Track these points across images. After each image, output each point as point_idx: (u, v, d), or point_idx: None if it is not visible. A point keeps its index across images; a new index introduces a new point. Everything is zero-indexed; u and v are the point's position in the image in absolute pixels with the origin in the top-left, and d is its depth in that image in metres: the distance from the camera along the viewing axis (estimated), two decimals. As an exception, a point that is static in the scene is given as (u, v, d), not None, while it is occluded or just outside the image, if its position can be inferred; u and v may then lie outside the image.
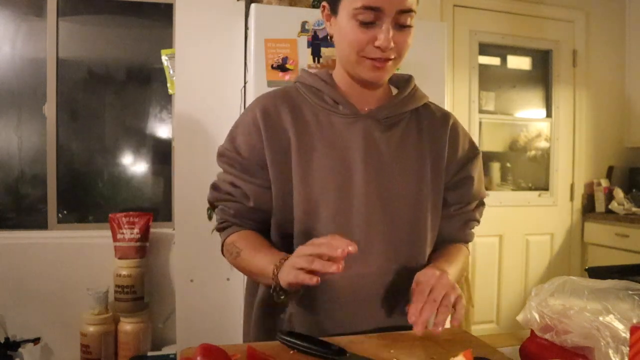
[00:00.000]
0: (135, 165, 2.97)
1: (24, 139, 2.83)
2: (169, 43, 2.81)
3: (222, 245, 1.02)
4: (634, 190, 3.35)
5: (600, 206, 3.35)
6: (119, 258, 2.68)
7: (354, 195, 0.95)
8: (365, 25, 0.89)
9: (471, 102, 3.19)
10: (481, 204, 1.10)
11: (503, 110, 3.35)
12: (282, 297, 0.85)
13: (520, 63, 3.43)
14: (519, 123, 3.38)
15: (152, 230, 2.80)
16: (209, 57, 2.38)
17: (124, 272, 2.65)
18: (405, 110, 1.01)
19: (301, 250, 0.80)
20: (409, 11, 0.89)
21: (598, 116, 3.43)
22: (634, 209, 3.20)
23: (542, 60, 3.41)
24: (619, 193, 3.29)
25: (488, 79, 3.28)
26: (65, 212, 2.87)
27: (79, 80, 2.90)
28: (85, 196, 2.93)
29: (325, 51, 2.14)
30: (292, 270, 0.79)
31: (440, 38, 2.32)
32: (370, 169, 0.96)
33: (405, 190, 0.98)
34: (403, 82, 1.05)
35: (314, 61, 2.13)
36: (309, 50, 2.08)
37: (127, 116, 2.96)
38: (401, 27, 0.90)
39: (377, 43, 0.89)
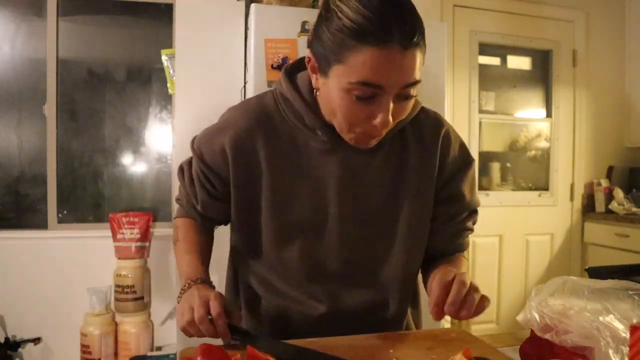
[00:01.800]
0: (135, 165, 2.97)
1: (24, 139, 2.83)
2: (169, 43, 2.81)
3: (176, 220, 1.07)
4: (634, 190, 3.35)
5: (600, 206, 3.35)
6: (119, 258, 2.68)
7: (328, 229, 0.91)
8: (362, 100, 0.76)
9: (471, 102, 3.19)
10: (473, 213, 1.02)
11: (503, 110, 3.35)
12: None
13: (520, 63, 3.43)
14: (519, 123, 3.38)
15: (152, 230, 2.80)
16: (209, 57, 2.38)
17: (124, 272, 2.64)
18: (390, 134, 0.90)
19: (197, 305, 0.80)
20: (414, 83, 0.76)
21: (598, 116, 3.43)
22: (634, 209, 3.20)
23: (542, 60, 3.41)
24: (619, 193, 3.29)
25: (488, 79, 3.28)
26: (65, 212, 2.87)
27: (79, 80, 2.90)
28: (85, 196, 2.93)
29: (325, 51, 2.14)
30: (181, 316, 0.81)
31: (440, 38, 2.32)
32: (346, 200, 0.90)
33: (384, 217, 0.93)
34: None
35: (314, 61, 2.13)
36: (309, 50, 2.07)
37: (127, 116, 2.96)
38: (405, 98, 0.78)
39: (374, 122, 0.77)
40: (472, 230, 1.04)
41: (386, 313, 0.98)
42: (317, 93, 0.86)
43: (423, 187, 0.94)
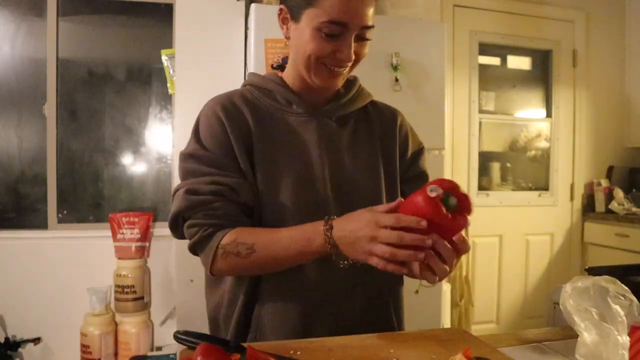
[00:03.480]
0: (135, 165, 2.97)
1: (24, 139, 2.83)
2: (169, 43, 2.81)
3: (214, 256, 0.91)
4: (634, 190, 3.35)
5: (600, 206, 3.35)
6: (119, 258, 2.68)
7: (314, 189, 0.97)
8: (329, 37, 0.91)
9: (471, 102, 3.19)
10: None
11: (503, 110, 3.35)
12: (345, 261, 0.89)
13: (520, 63, 3.43)
14: (519, 123, 3.38)
15: (152, 230, 2.80)
16: (209, 57, 2.38)
17: (124, 272, 2.64)
18: (354, 109, 1.06)
19: (379, 224, 0.77)
20: (371, 26, 0.93)
21: (598, 116, 3.43)
22: (634, 209, 3.20)
23: (542, 60, 3.41)
24: (619, 193, 3.29)
25: (488, 79, 3.28)
26: (65, 212, 2.87)
27: (79, 80, 2.90)
28: (85, 196, 2.93)
29: (325, 51, 2.14)
30: (367, 248, 0.77)
31: (440, 38, 2.32)
32: (327, 164, 0.99)
33: (361, 183, 1.01)
34: (349, 82, 1.08)
35: (314, 61, 2.13)
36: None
37: (127, 116, 2.96)
38: (361, 39, 0.94)
39: (340, 56, 0.92)
40: None
41: (376, 283, 1.01)
42: (288, 41, 0.99)
43: (390, 159, 1.06)
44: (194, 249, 0.95)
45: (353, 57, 0.93)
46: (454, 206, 0.75)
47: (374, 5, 0.93)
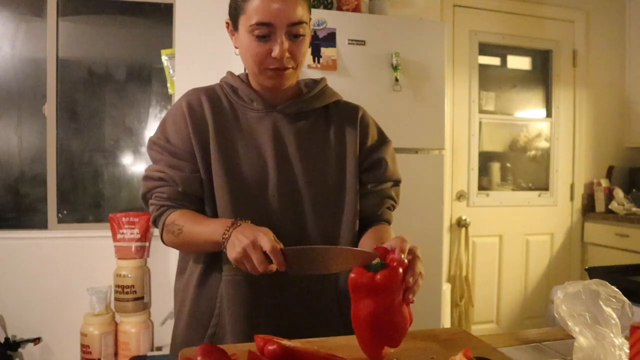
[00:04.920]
0: (135, 165, 2.97)
1: (24, 139, 2.83)
2: (169, 43, 2.81)
3: (162, 231, 1.05)
4: (634, 190, 3.35)
5: (600, 206, 3.35)
6: (119, 258, 2.68)
7: (268, 181, 1.03)
8: (261, 38, 0.98)
9: (471, 102, 3.19)
10: (396, 185, 1.18)
11: (503, 110, 3.35)
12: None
13: (520, 63, 3.43)
14: (519, 123, 3.38)
15: (152, 230, 2.80)
16: (209, 57, 2.38)
17: (124, 272, 2.65)
18: (314, 107, 1.11)
19: (256, 242, 0.85)
20: (299, 23, 0.98)
21: (598, 116, 3.43)
22: (634, 209, 3.20)
23: (542, 60, 3.41)
24: (619, 193, 3.29)
25: (488, 79, 3.28)
26: (65, 212, 2.87)
27: (79, 80, 2.90)
28: (85, 196, 2.93)
29: (325, 51, 2.15)
30: (235, 251, 0.86)
31: (440, 38, 2.32)
32: (279, 158, 1.05)
33: (309, 177, 1.06)
34: (313, 82, 1.14)
35: (313, 61, 2.13)
36: (309, 50, 2.08)
37: (127, 116, 2.96)
38: (295, 37, 0.99)
39: (273, 54, 0.98)
40: (395, 201, 1.18)
41: (339, 282, 1.07)
42: (237, 52, 1.07)
43: (344, 155, 1.10)
44: (155, 223, 1.08)
45: (287, 54, 0.98)
46: (376, 267, 0.79)
47: (300, 1, 0.98)
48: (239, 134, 1.06)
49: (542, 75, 3.42)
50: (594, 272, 1.99)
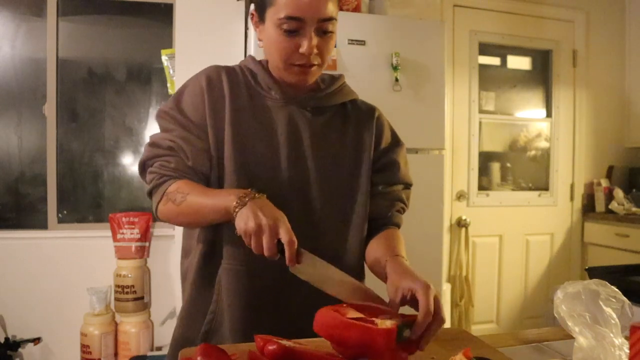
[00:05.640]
0: (135, 165, 2.97)
1: (24, 139, 2.83)
2: (169, 43, 2.81)
3: (159, 200, 0.99)
4: (634, 190, 3.35)
5: (600, 206, 3.35)
6: (119, 258, 2.68)
7: (280, 172, 1.01)
8: (290, 33, 0.95)
9: (471, 102, 3.19)
10: (407, 188, 1.17)
11: (503, 110, 3.35)
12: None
13: (520, 63, 3.43)
14: (519, 123, 3.38)
15: (152, 230, 2.80)
16: (209, 57, 2.36)
17: (124, 272, 2.65)
18: (331, 103, 1.09)
19: (267, 218, 0.82)
20: (329, 19, 0.96)
21: (598, 116, 3.43)
22: (634, 209, 3.20)
23: (542, 60, 3.41)
24: (619, 193, 3.29)
25: (488, 79, 3.28)
26: (65, 212, 2.87)
27: (79, 80, 2.90)
28: (85, 196, 2.93)
29: (325, 51, 2.14)
30: (247, 223, 0.82)
31: (440, 38, 2.32)
32: (292, 151, 1.02)
33: (322, 173, 1.04)
34: (331, 78, 1.12)
35: (314, 61, 2.13)
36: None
37: (127, 116, 2.96)
38: (324, 33, 0.97)
39: (301, 50, 0.95)
40: (405, 204, 1.16)
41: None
42: (260, 44, 1.04)
43: (360, 155, 1.09)
44: (150, 193, 1.03)
45: (315, 50, 0.96)
46: (404, 338, 0.75)
47: None
48: (255, 120, 1.02)
49: (542, 75, 3.42)
50: (594, 272, 1.99)
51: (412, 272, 0.88)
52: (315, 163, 1.04)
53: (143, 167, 1.06)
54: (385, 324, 0.74)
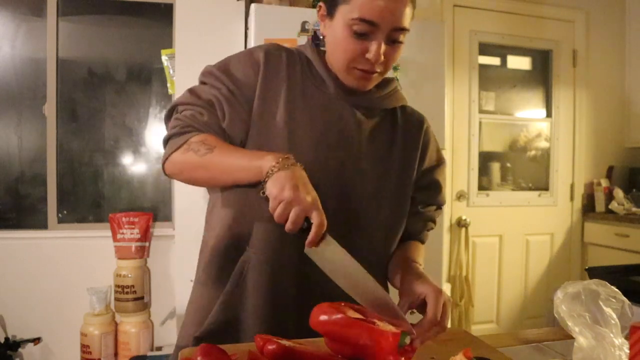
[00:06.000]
0: (135, 165, 2.97)
1: (24, 139, 2.83)
2: (169, 43, 2.81)
3: (177, 149, 0.92)
4: (634, 190, 3.35)
5: (600, 206, 3.35)
6: (119, 258, 2.68)
7: (327, 168, 0.96)
8: (359, 36, 0.90)
9: (471, 102, 3.19)
10: (440, 208, 1.15)
11: (503, 110, 3.35)
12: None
13: (520, 63, 3.43)
14: (519, 123, 3.38)
15: (152, 230, 2.80)
16: (209, 57, 2.35)
17: (124, 272, 2.65)
18: (383, 107, 1.05)
19: (312, 206, 0.78)
20: (403, 29, 0.91)
21: (598, 116, 3.43)
22: (634, 209, 3.20)
23: (542, 60, 3.41)
24: (619, 193, 3.29)
25: (488, 79, 3.28)
26: (65, 212, 2.87)
27: (79, 80, 2.90)
28: (85, 196, 2.93)
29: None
30: (281, 191, 0.77)
31: (440, 38, 2.32)
32: (340, 149, 0.98)
33: (371, 174, 1.00)
34: (385, 81, 1.07)
35: (314, 61, 2.13)
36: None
37: (127, 116, 2.96)
38: (393, 42, 0.92)
39: (368, 55, 0.91)
40: (435, 224, 1.14)
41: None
42: (324, 38, 0.99)
43: (406, 166, 1.05)
44: (167, 139, 0.96)
45: (382, 58, 0.91)
46: (403, 344, 0.74)
47: (409, 6, 0.91)
48: (308, 109, 0.98)
49: (542, 75, 3.42)
50: (594, 272, 1.99)
51: (426, 278, 0.88)
52: (364, 164, 1.00)
53: (172, 110, 1.00)
54: (388, 327, 0.74)
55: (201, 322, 0.97)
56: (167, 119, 1.00)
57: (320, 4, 0.98)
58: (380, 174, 1.01)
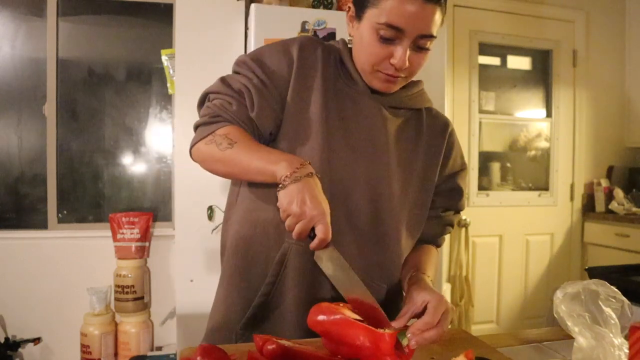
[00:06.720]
0: (135, 165, 2.97)
1: (24, 139, 2.83)
2: (169, 43, 2.81)
3: (201, 139, 0.93)
4: (634, 190, 3.35)
5: (600, 206, 3.35)
6: (119, 258, 2.68)
7: (356, 169, 0.96)
8: (385, 40, 0.90)
9: (471, 102, 3.19)
10: (458, 212, 1.15)
11: (503, 110, 3.35)
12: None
13: (520, 63, 3.43)
14: (519, 123, 3.38)
15: (152, 230, 2.80)
16: (209, 57, 2.38)
17: (124, 272, 2.65)
18: (409, 106, 1.05)
19: (322, 218, 0.79)
20: (430, 37, 0.90)
21: (598, 116, 3.43)
22: (634, 209, 3.20)
23: (542, 60, 3.41)
24: (619, 193, 3.29)
25: (488, 79, 3.28)
26: (65, 212, 2.87)
27: (79, 80, 2.90)
28: (85, 196, 2.93)
29: (325, 51, 2.14)
30: (290, 205, 0.79)
31: (440, 38, 2.31)
32: (369, 145, 0.98)
33: (395, 174, 1.00)
34: (412, 83, 1.06)
35: (314, 61, 2.13)
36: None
37: (127, 116, 2.96)
38: (419, 49, 0.92)
39: (392, 61, 0.91)
40: (452, 227, 1.15)
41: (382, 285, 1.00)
42: (350, 39, 1.00)
43: (428, 171, 1.05)
44: (197, 126, 0.97)
45: (407, 64, 0.91)
46: (399, 346, 0.76)
47: (438, 14, 0.89)
48: (341, 104, 0.98)
49: (542, 75, 3.42)
50: (594, 272, 1.99)
51: (432, 289, 0.88)
52: (392, 163, 1.00)
53: (204, 98, 1.00)
54: (384, 329, 0.74)
55: (227, 315, 1.01)
56: (200, 106, 1.01)
57: (350, 5, 0.98)
58: (404, 174, 1.02)
